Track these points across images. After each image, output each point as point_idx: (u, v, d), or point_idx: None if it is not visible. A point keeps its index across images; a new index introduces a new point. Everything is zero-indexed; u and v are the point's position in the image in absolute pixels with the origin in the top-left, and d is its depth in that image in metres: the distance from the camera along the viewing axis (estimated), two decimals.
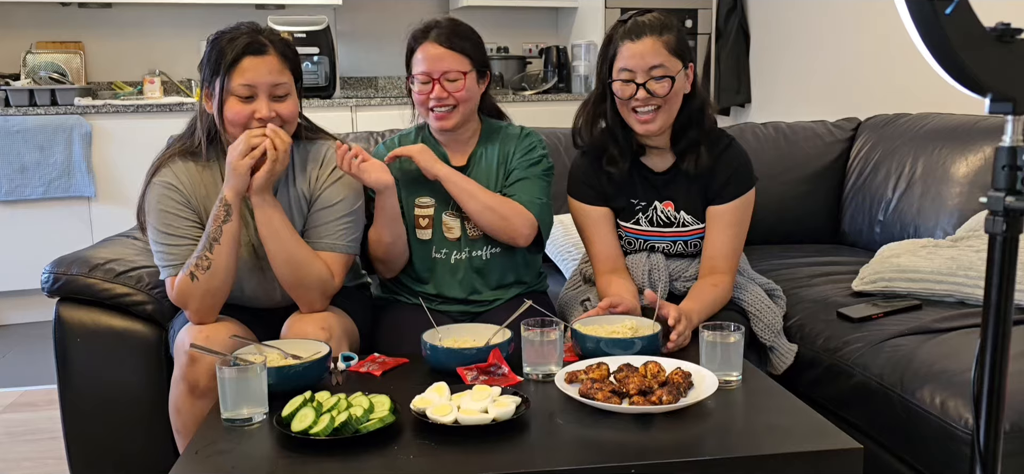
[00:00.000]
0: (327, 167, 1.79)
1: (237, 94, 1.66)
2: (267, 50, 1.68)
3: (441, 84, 1.81)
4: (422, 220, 1.91)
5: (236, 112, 1.67)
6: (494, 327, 1.63)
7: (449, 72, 1.81)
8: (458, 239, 1.92)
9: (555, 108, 4.35)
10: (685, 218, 1.89)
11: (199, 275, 1.66)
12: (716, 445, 1.28)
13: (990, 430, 0.99)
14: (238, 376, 1.36)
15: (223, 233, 1.66)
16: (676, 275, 1.91)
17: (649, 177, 1.90)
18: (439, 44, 1.82)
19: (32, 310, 3.93)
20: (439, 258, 1.92)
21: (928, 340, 1.72)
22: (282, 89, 1.69)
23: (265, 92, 1.67)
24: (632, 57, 1.76)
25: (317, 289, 1.73)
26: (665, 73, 1.76)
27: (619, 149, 1.87)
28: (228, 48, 1.66)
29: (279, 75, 1.69)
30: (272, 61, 1.68)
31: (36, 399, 2.92)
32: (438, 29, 1.84)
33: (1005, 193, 0.92)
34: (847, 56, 3.57)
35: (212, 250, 1.66)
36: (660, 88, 1.76)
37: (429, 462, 1.21)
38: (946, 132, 2.47)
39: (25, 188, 3.77)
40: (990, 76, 0.88)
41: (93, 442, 1.93)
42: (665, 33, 1.77)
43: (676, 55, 1.78)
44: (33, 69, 4.06)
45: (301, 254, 1.71)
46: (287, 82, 1.70)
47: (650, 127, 1.79)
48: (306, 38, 4.11)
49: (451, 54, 1.82)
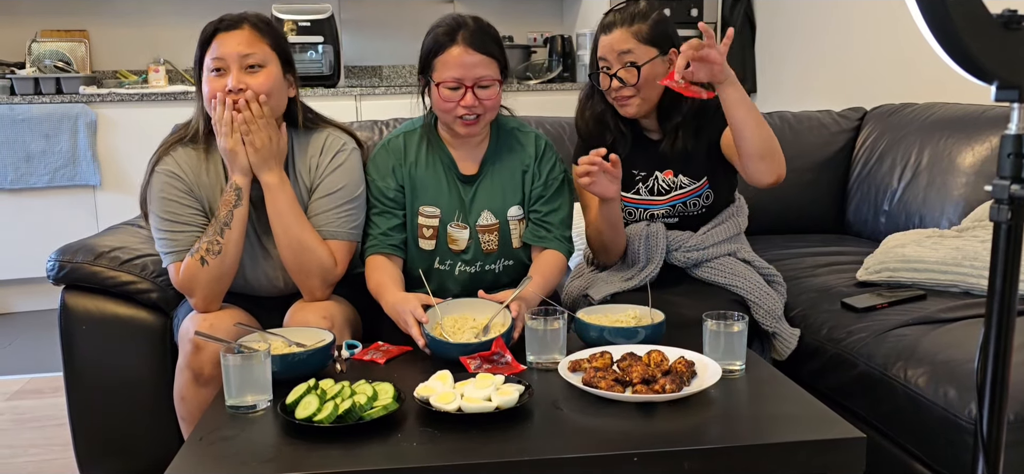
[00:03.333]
0: (328, 154, 1.78)
1: (210, 68, 1.68)
2: (239, 24, 1.69)
3: (473, 92, 1.70)
4: (426, 230, 1.83)
5: (211, 88, 1.67)
6: (495, 305, 1.63)
7: (482, 79, 1.70)
8: (463, 250, 1.85)
9: (560, 97, 4.34)
10: (683, 181, 1.92)
11: (210, 259, 1.67)
12: (719, 434, 1.28)
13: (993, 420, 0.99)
14: (242, 363, 1.36)
15: (234, 217, 1.68)
16: (675, 245, 1.91)
17: (648, 148, 1.94)
18: (471, 48, 1.70)
19: (38, 298, 3.95)
20: (442, 269, 1.86)
21: (932, 330, 1.71)
22: (253, 59, 1.68)
23: (235, 64, 1.66)
24: (604, 48, 1.86)
25: (318, 275, 1.73)
26: (632, 61, 1.81)
27: (614, 136, 1.93)
28: (206, 29, 1.69)
29: (248, 46, 1.67)
30: (242, 33, 1.68)
31: (42, 386, 2.94)
32: (467, 30, 1.71)
33: (1010, 181, 0.91)
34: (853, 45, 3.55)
35: (223, 234, 1.67)
36: (628, 76, 1.82)
37: (432, 450, 1.22)
38: (952, 122, 2.46)
39: (30, 176, 3.78)
40: (996, 63, 0.88)
41: (98, 428, 1.94)
42: (637, 22, 1.83)
43: (649, 43, 1.82)
44: (38, 57, 4.07)
45: (305, 238, 1.71)
46: (259, 53, 1.68)
47: (628, 111, 1.87)
48: (310, 27, 4.11)
49: (484, 60, 1.71)
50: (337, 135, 1.82)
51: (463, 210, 1.84)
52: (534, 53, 4.75)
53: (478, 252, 1.85)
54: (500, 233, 1.85)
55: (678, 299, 1.84)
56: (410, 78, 4.68)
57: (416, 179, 1.84)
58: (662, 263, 1.89)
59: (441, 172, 1.84)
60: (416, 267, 1.86)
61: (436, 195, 1.83)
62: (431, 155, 1.85)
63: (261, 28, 1.71)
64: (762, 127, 1.69)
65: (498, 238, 1.85)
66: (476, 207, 1.84)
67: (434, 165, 1.85)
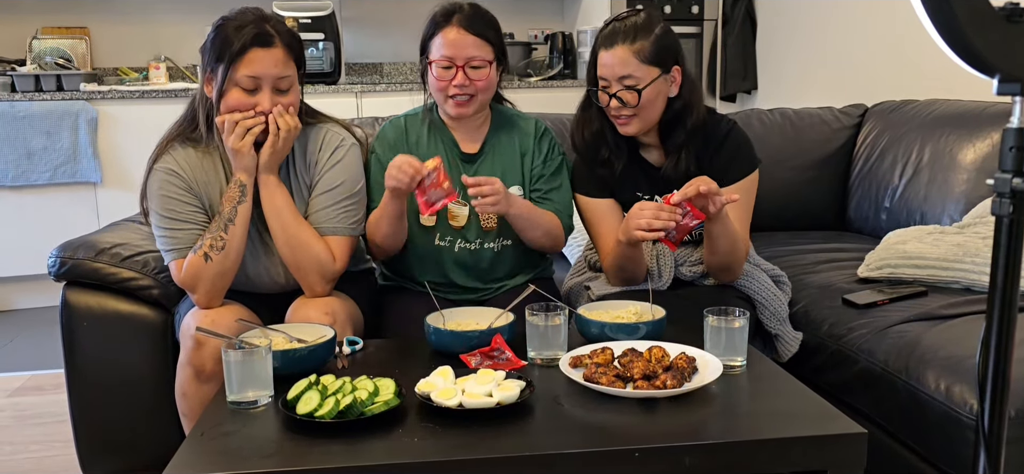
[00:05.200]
0: (327, 150, 1.79)
1: (241, 85, 1.66)
2: (273, 42, 1.67)
3: (464, 71, 1.78)
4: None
5: (239, 102, 1.66)
6: (497, 310, 1.64)
7: (473, 59, 1.78)
8: (463, 228, 1.89)
9: (560, 94, 4.34)
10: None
11: (213, 255, 1.68)
12: (720, 429, 1.28)
13: (995, 415, 0.99)
14: (243, 359, 1.36)
15: (238, 214, 1.69)
16: (681, 260, 1.91)
17: (650, 172, 1.90)
18: (465, 29, 1.77)
19: (39, 295, 3.95)
20: (442, 246, 1.90)
21: (933, 326, 1.71)
22: (286, 82, 1.69)
23: (269, 84, 1.67)
24: (604, 66, 1.79)
25: (316, 271, 1.73)
26: (633, 85, 1.76)
27: (610, 150, 1.87)
28: (235, 36, 1.65)
29: (284, 68, 1.68)
30: (278, 53, 1.67)
31: (43, 383, 2.94)
32: (462, 14, 1.79)
33: (1012, 175, 0.91)
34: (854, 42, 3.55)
35: (227, 231, 1.68)
36: (629, 98, 1.77)
37: (433, 445, 1.22)
38: (953, 118, 2.46)
39: (32, 173, 3.78)
40: (998, 56, 0.88)
41: (100, 425, 1.94)
42: (639, 39, 1.76)
43: (651, 63, 1.76)
44: (39, 54, 4.07)
45: (302, 235, 1.72)
46: (292, 75, 1.70)
47: (627, 130, 1.83)
48: (311, 24, 4.10)
49: (476, 41, 1.78)
50: (336, 131, 1.82)
51: (463, 187, 1.85)
52: (535, 50, 4.75)
53: (478, 230, 1.88)
54: None
55: (680, 294, 1.84)
56: (411, 75, 4.68)
57: (418, 157, 1.85)
58: (672, 279, 1.89)
59: (443, 150, 1.88)
60: (418, 245, 1.89)
61: None
62: (433, 134, 1.90)
63: (293, 48, 1.71)
64: (735, 252, 1.79)
65: (497, 217, 1.87)
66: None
67: (436, 144, 1.90)
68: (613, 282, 1.90)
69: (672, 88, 1.81)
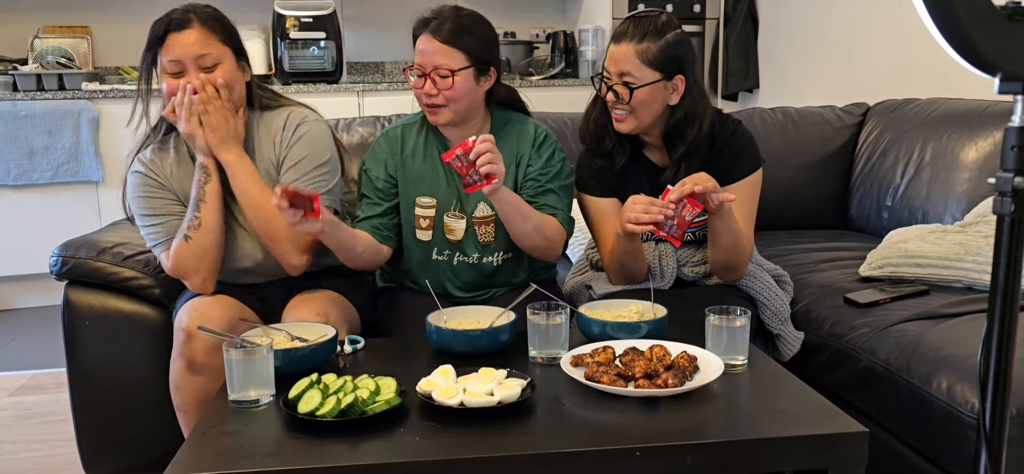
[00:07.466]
0: (290, 128, 1.81)
1: (168, 71, 1.72)
2: (189, 23, 1.72)
3: (432, 80, 1.75)
4: (422, 221, 1.85)
5: (170, 87, 1.72)
6: (498, 309, 1.64)
7: (440, 68, 1.73)
8: (460, 241, 1.86)
9: (562, 93, 4.33)
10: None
11: (192, 235, 1.73)
12: (721, 428, 1.28)
13: (996, 415, 0.99)
14: (245, 358, 1.36)
15: (206, 193, 1.74)
16: (684, 261, 1.91)
17: (652, 172, 1.90)
18: (436, 38, 1.74)
19: (41, 294, 3.95)
20: (440, 260, 1.87)
21: (935, 325, 1.71)
22: (209, 59, 1.72)
23: (192, 64, 1.71)
24: (609, 58, 1.80)
25: (288, 240, 1.74)
26: (629, 82, 1.75)
27: (613, 144, 1.87)
28: (154, 28, 1.74)
29: (202, 46, 1.72)
30: (193, 33, 1.72)
31: (45, 382, 2.95)
32: (438, 21, 1.75)
33: (1014, 173, 0.91)
34: (856, 41, 3.55)
35: (199, 209, 1.74)
36: (622, 92, 1.77)
37: (435, 444, 1.22)
38: (955, 117, 2.45)
39: (33, 173, 3.78)
40: (999, 55, 0.87)
41: (102, 424, 1.95)
42: (646, 41, 1.74)
43: (652, 66, 1.75)
44: (41, 54, 4.07)
45: (269, 206, 1.68)
46: (214, 52, 1.73)
47: (621, 126, 1.82)
48: (312, 23, 4.11)
49: (445, 49, 1.73)
50: (298, 110, 1.85)
51: (459, 200, 1.85)
52: (537, 49, 4.75)
53: (475, 244, 1.86)
54: (497, 225, 1.84)
55: (682, 294, 1.84)
56: None
57: (411, 170, 1.86)
58: (674, 279, 1.89)
59: (438, 162, 1.85)
60: (415, 260, 1.87)
61: (433, 186, 1.85)
62: (429, 145, 1.87)
63: (211, 25, 1.75)
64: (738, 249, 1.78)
65: (494, 230, 1.85)
66: (473, 198, 1.84)
67: (431, 155, 1.86)
68: (614, 280, 1.89)
69: (672, 96, 1.79)
